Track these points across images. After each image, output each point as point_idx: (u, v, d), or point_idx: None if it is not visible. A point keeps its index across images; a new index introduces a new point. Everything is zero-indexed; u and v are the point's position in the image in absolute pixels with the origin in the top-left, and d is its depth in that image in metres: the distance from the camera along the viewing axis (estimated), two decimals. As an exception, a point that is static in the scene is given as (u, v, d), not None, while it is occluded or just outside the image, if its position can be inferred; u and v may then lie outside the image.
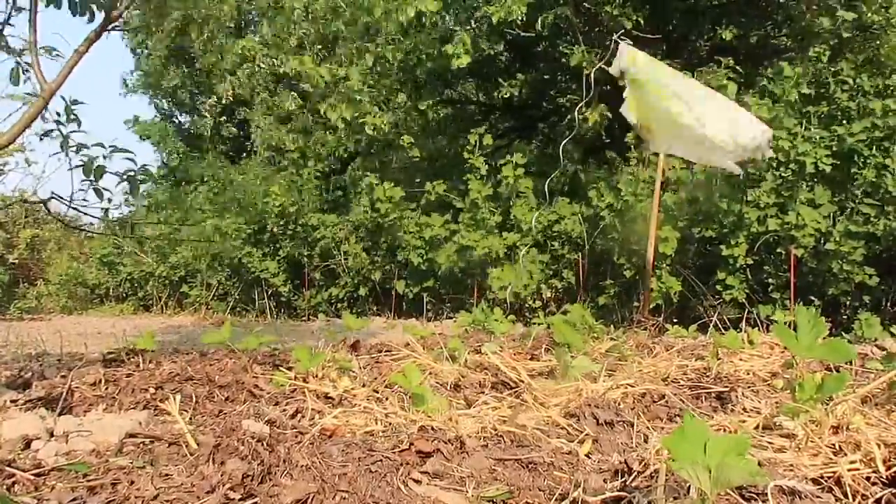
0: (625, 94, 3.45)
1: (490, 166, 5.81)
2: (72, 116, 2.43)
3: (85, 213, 2.60)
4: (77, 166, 2.41)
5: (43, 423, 1.53)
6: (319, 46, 7.79)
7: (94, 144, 2.45)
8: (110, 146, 2.47)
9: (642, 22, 5.09)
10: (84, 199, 2.49)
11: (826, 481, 1.23)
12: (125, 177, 2.50)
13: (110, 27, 2.26)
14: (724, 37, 5.16)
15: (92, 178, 2.43)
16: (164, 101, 14.09)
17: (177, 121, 14.38)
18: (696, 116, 3.33)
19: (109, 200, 2.53)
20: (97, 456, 1.37)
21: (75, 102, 2.45)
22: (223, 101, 11.35)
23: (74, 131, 2.44)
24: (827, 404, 1.53)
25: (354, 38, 7.13)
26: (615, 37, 3.17)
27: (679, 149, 3.60)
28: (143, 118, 14.45)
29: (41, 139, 2.43)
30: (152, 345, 2.24)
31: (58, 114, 2.41)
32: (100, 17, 2.27)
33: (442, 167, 6.87)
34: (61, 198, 2.50)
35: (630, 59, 3.40)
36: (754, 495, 1.15)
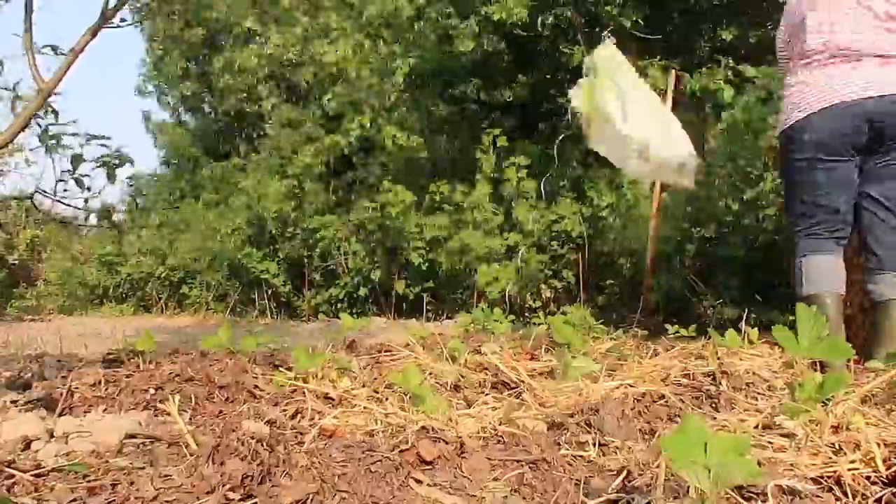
0: (579, 82, 3.35)
1: (495, 167, 5.83)
2: (49, 109, 2.42)
3: (67, 205, 2.60)
4: (49, 150, 2.41)
5: (43, 424, 1.52)
6: (322, 37, 7.81)
7: (69, 134, 2.45)
8: (86, 134, 2.47)
9: (642, 22, 5.09)
10: (65, 191, 2.49)
11: (826, 481, 1.23)
12: (101, 162, 2.49)
13: (107, 25, 2.26)
14: (723, 37, 5.16)
15: (70, 167, 2.43)
16: (174, 101, 14.15)
17: (187, 123, 14.42)
18: (624, 113, 3.08)
19: (89, 189, 2.53)
20: (97, 457, 1.37)
21: (49, 94, 2.44)
22: (234, 106, 11.43)
23: (53, 124, 2.44)
24: (827, 404, 1.53)
25: (357, 30, 7.14)
26: (605, 33, 3.13)
27: (603, 148, 3.30)
28: (156, 117, 14.53)
29: (12, 137, 2.43)
30: (152, 345, 2.24)
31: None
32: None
33: (443, 167, 6.88)
34: (45, 191, 2.51)
35: (597, 54, 3.30)
36: (754, 495, 1.15)
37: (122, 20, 2.43)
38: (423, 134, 7.28)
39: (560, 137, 4.39)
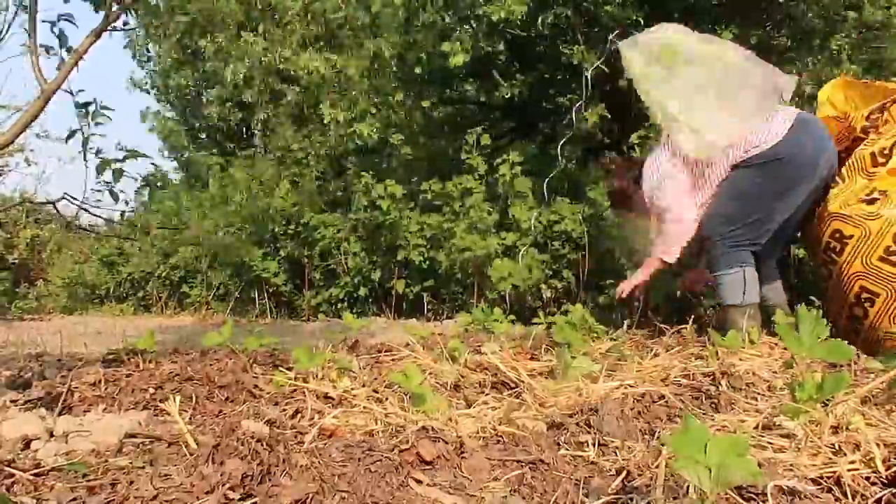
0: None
1: (490, 166, 5.81)
2: (100, 119, 2.43)
3: (97, 216, 2.62)
4: (101, 170, 2.42)
5: (43, 423, 1.53)
6: (322, 43, 7.81)
7: (121, 150, 2.47)
8: (131, 150, 2.49)
9: (642, 21, 5.08)
10: (98, 200, 2.51)
11: (826, 481, 1.23)
12: (145, 181, 2.52)
13: (110, 27, 2.26)
14: (723, 38, 5.15)
15: (111, 180, 2.45)
16: (171, 97, 14.14)
17: (183, 119, 14.42)
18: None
19: (127, 203, 2.55)
20: (97, 456, 1.37)
21: (105, 108, 2.46)
22: (226, 94, 11.39)
23: (94, 134, 2.45)
24: (827, 404, 1.53)
25: (355, 33, 7.13)
26: (611, 37, 3.11)
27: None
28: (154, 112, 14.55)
29: (66, 141, 2.45)
30: (153, 345, 2.24)
31: (85, 112, 2.41)
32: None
33: (442, 166, 6.87)
34: (73, 199, 2.52)
35: (627, 63, 3.20)
36: (754, 495, 1.15)
37: (125, 23, 2.43)
38: (421, 135, 7.27)
39: (565, 138, 4.36)
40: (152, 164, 2.56)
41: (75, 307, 8.67)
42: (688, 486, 1.05)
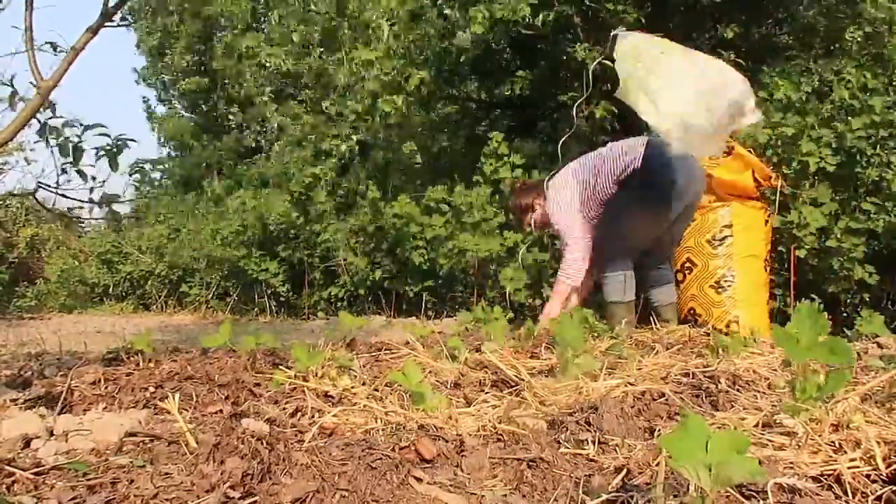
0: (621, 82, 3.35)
1: (493, 169, 5.78)
2: (47, 104, 2.39)
3: (71, 199, 2.57)
4: (65, 153, 2.37)
5: (43, 422, 1.52)
6: (318, 40, 7.78)
7: (64, 124, 2.41)
8: (82, 124, 2.43)
9: (643, 20, 5.08)
10: (69, 181, 2.47)
11: (826, 479, 1.23)
12: (102, 153, 2.46)
13: (107, 24, 2.26)
14: (725, 35, 5.15)
15: (71, 160, 2.41)
16: (175, 97, 14.16)
17: (190, 120, 14.43)
18: (654, 102, 3.01)
19: (94, 178, 2.50)
20: (97, 455, 1.37)
21: (49, 92, 2.41)
22: (237, 100, 11.42)
23: (52, 118, 2.41)
24: (827, 402, 1.53)
25: (357, 29, 7.11)
26: (613, 33, 3.14)
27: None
28: (158, 111, 14.59)
29: (21, 129, 2.40)
30: (148, 346, 2.24)
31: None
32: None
33: (444, 165, 6.86)
34: (48, 186, 2.48)
35: (616, 52, 3.28)
36: (754, 493, 1.15)
37: (123, 19, 2.42)
38: (424, 133, 7.26)
39: (566, 136, 4.34)
40: (104, 134, 2.47)
41: (74, 306, 8.67)
42: (688, 485, 1.04)
